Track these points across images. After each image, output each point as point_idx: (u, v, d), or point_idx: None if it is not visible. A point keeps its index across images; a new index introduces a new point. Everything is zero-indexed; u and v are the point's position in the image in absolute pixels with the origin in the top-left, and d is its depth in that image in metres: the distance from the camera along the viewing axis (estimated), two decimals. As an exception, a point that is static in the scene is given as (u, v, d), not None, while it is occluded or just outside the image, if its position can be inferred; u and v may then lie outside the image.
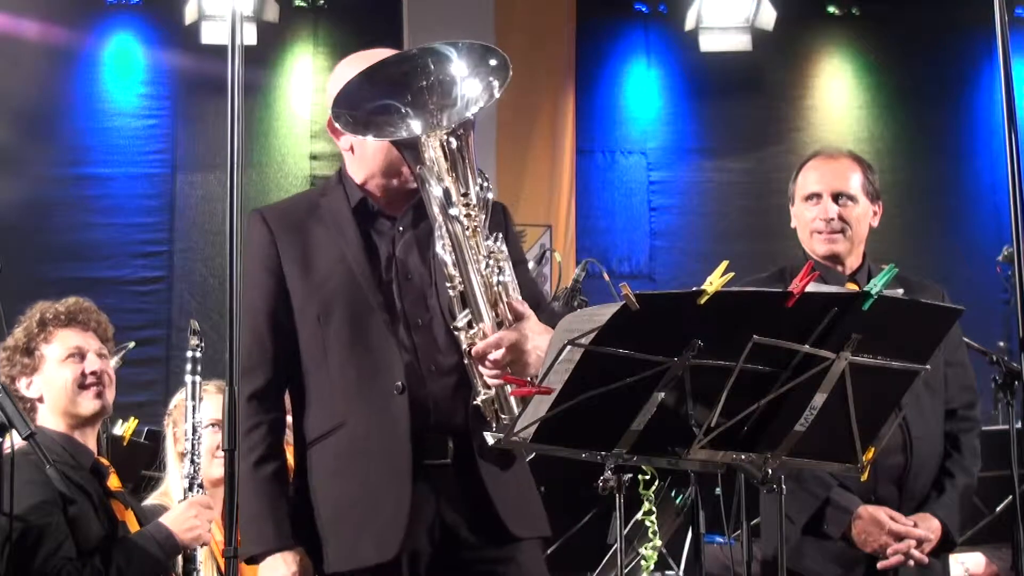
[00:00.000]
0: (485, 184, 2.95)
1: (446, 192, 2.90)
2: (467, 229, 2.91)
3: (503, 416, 2.92)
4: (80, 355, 3.81)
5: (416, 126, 2.95)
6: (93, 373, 3.80)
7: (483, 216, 2.93)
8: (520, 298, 2.95)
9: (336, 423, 3.09)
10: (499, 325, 2.91)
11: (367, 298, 3.07)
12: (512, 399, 2.91)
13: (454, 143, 2.91)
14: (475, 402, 2.96)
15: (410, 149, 2.96)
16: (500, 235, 2.96)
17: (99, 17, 8.74)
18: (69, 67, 8.71)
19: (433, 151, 2.93)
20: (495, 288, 2.91)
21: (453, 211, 2.89)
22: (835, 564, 3.77)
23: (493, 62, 3.03)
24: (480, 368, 2.92)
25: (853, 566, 3.77)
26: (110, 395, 3.87)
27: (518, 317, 2.91)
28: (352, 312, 3.07)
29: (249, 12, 8.36)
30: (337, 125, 3.03)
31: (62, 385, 3.77)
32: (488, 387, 2.93)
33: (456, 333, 2.95)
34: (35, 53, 8.48)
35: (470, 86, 3.01)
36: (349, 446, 3.07)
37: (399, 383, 3.03)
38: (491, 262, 2.92)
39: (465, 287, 2.92)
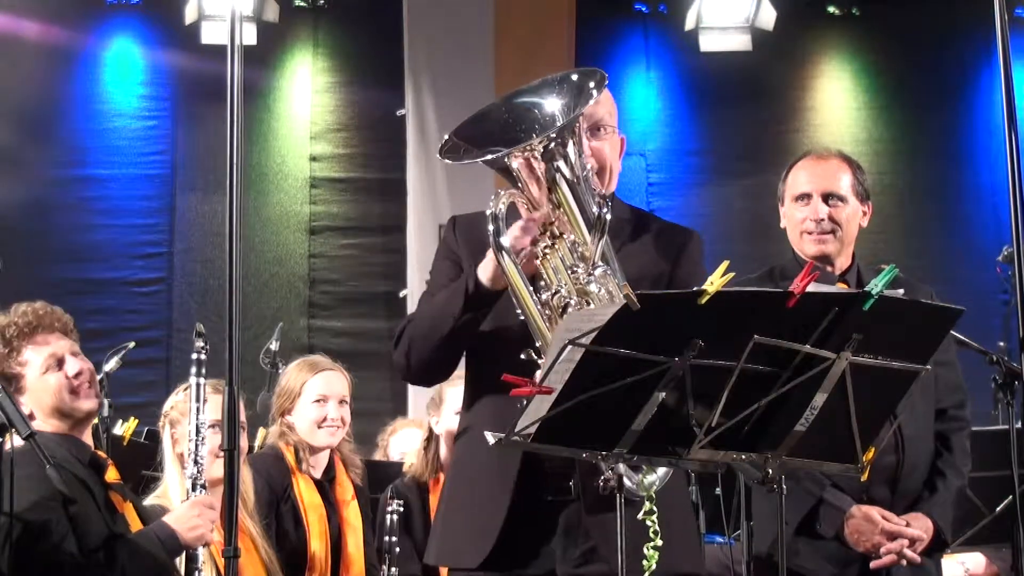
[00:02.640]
0: (600, 207, 2.89)
1: (494, 218, 2.88)
2: (538, 256, 2.91)
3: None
4: (57, 362, 3.79)
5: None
6: (77, 375, 3.79)
7: (582, 239, 2.90)
8: None
9: (469, 424, 3.16)
10: None
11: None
12: None
13: (541, 165, 2.88)
14: None
15: (504, 171, 2.96)
16: (603, 265, 2.90)
17: (99, 17, 8.74)
18: (69, 67, 8.71)
19: (519, 171, 2.92)
20: (561, 320, 2.87)
21: (504, 240, 2.89)
22: (828, 563, 3.77)
23: (576, 77, 3.04)
24: None
25: (846, 565, 3.77)
26: (97, 389, 3.86)
27: None
28: (502, 323, 3.05)
29: (249, 12, 8.36)
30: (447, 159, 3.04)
31: (51, 396, 3.75)
32: None
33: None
34: (35, 53, 8.48)
35: (555, 104, 3.01)
36: (472, 450, 3.11)
37: (524, 399, 3.03)
38: (564, 292, 2.89)
39: (524, 317, 2.92)
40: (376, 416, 6.13)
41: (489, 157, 2.94)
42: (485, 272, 2.98)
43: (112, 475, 3.85)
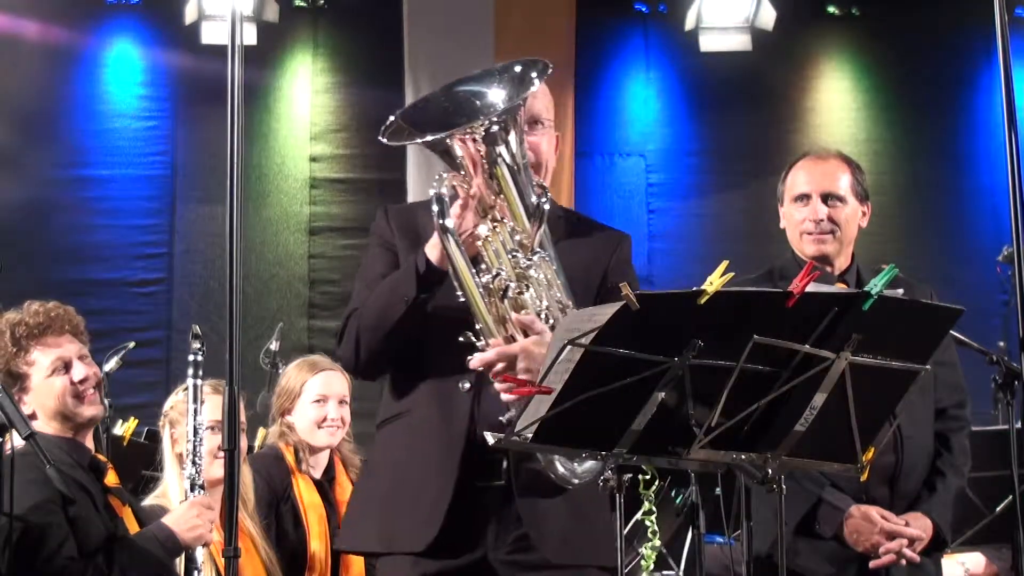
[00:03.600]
0: (539, 196, 2.94)
1: (439, 199, 2.91)
2: (480, 239, 2.94)
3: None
4: (64, 366, 3.78)
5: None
6: (83, 381, 3.78)
7: (522, 226, 2.94)
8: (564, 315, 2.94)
9: (404, 409, 3.14)
10: (510, 340, 2.91)
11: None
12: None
13: (482, 148, 2.92)
14: (502, 419, 2.96)
15: (446, 154, 2.99)
16: (541, 252, 2.95)
17: (99, 17, 8.73)
18: (69, 67, 8.70)
19: (461, 154, 2.95)
20: (502, 303, 2.92)
21: (448, 223, 2.90)
22: (827, 563, 3.77)
23: (519, 67, 3.06)
24: (496, 385, 2.93)
25: (845, 565, 3.78)
26: (102, 395, 3.86)
27: (528, 333, 2.91)
28: (439, 306, 3.05)
29: (249, 12, 8.36)
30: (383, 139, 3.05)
31: (54, 400, 3.75)
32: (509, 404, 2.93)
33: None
34: (35, 53, 8.47)
35: (498, 93, 3.03)
36: (407, 434, 3.10)
37: (468, 380, 3.03)
38: (504, 275, 2.92)
39: (466, 299, 2.93)
40: (376, 416, 6.12)
41: (431, 138, 2.96)
42: (433, 252, 2.99)
43: (111, 479, 3.85)
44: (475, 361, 2.91)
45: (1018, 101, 3.22)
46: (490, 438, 2.77)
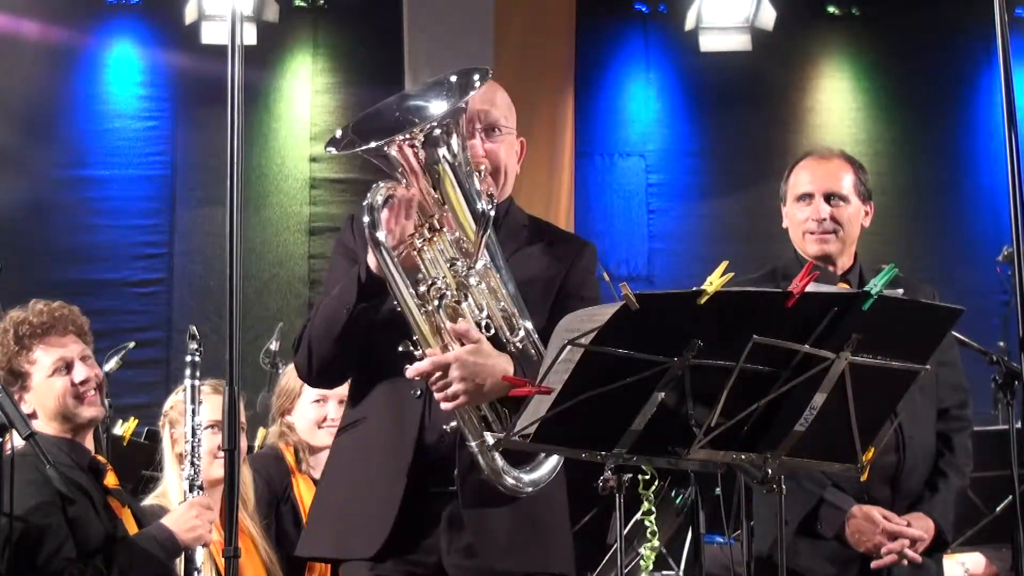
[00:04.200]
0: (485, 203, 2.93)
1: (370, 209, 2.91)
2: (415, 248, 2.94)
3: (470, 443, 2.93)
4: (66, 366, 3.79)
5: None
6: (84, 382, 3.78)
7: (467, 233, 2.93)
8: (519, 325, 2.95)
9: (359, 416, 3.14)
10: (446, 349, 2.91)
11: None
12: (474, 425, 2.92)
13: (422, 154, 2.92)
14: (446, 428, 2.97)
15: (387, 163, 2.99)
16: (486, 260, 2.95)
17: (99, 17, 8.72)
18: (69, 68, 8.69)
19: (397, 159, 2.95)
20: (437, 313, 2.91)
21: (379, 235, 2.91)
22: (829, 563, 3.78)
23: (459, 75, 3.05)
24: (435, 394, 2.93)
25: (847, 565, 3.78)
26: (103, 397, 3.86)
27: (464, 342, 2.91)
28: (394, 314, 3.04)
29: (249, 12, 8.36)
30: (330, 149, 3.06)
31: (55, 400, 3.75)
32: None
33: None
34: (35, 53, 8.46)
35: (441, 102, 3.02)
36: (362, 441, 3.10)
37: (418, 390, 3.04)
38: (440, 284, 2.92)
39: (401, 309, 2.94)
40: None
41: (371, 145, 2.96)
42: (373, 261, 2.99)
43: (111, 480, 3.86)
44: (410, 371, 2.92)
45: (1018, 101, 3.22)
46: (490, 438, 2.77)
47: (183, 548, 3.81)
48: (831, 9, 9.27)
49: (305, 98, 8.93)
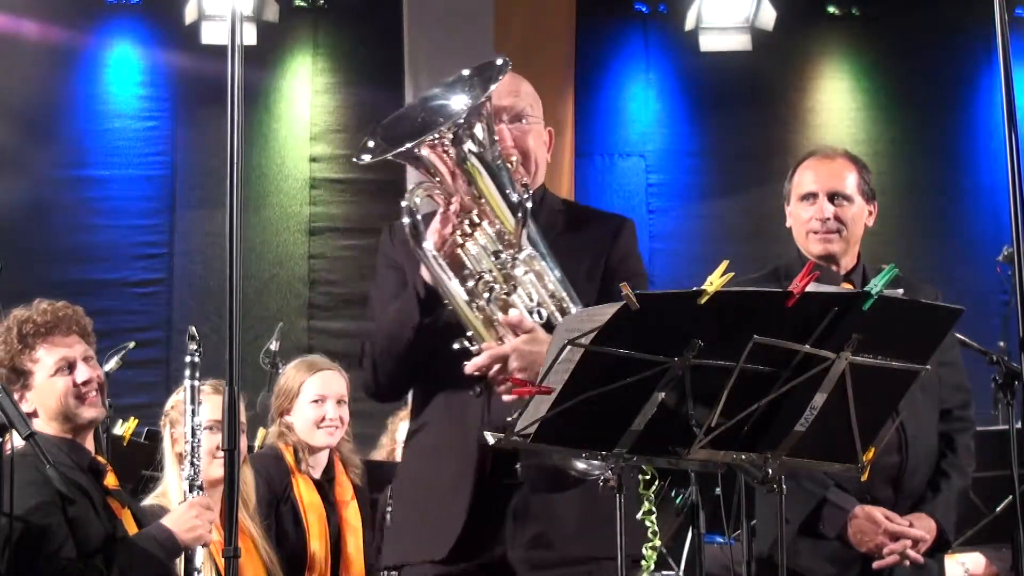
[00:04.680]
0: (521, 193, 2.93)
1: (410, 211, 2.92)
2: (457, 244, 2.94)
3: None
4: (68, 366, 3.79)
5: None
6: (85, 383, 3.79)
7: (507, 224, 2.93)
8: (564, 310, 2.94)
9: (423, 423, 3.15)
10: (502, 341, 2.92)
11: None
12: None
13: (452, 152, 2.92)
14: (508, 420, 2.95)
15: (417, 163, 2.99)
16: (529, 248, 2.95)
17: (99, 17, 8.73)
18: (69, 68, 8.70)
19: (429, 160, 2.94)
20: (488, 306, 2.92)
21: (424, 235, 2.92)
22: (831, 563, 3.78)
23: (480, 69, 3.06)
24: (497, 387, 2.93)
25: (849, 566, 3.78)
26: (104, 398, 3.86)
27: (518, 332, 2.91)
28: (448, 318, 3.04)
29: (249, 12, 8.36)
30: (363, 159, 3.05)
31: (56, 400, 3.75)
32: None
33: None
34: (35, 53, 8.47)
35: (463, 98, 3.03)
36: (427, 446, 3.12)
37: (477, 387, 3.03)
38: (487, 277, 2.92)
39: (452, 307, 2.94)
40: (376, 416, 6.12)
41: (399, 150, 2.95)
42: (426, 273, 3.00)
43: (111, 481, 3.85)
44: (469, 367, 2.92)
45: (1018, 101, 3.21)
46: (490, 438, 2.77)
47: (183, 548, 3.81)
48: (831, 9, 9.27)
49: (305, 98, 8.93)
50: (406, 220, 2.94)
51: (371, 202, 8.84)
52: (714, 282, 2.46)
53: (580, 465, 2.93)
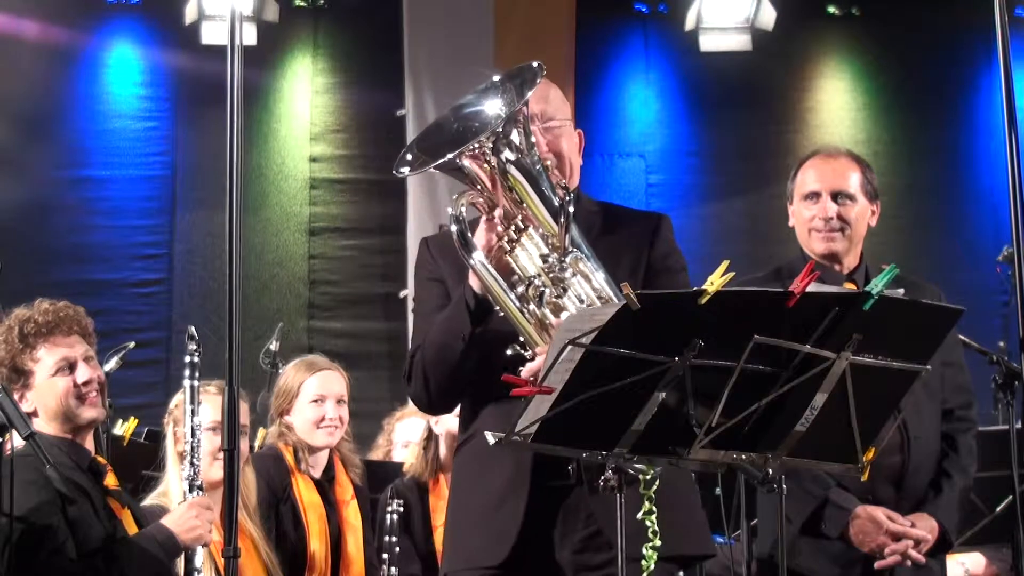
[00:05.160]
0: (562, 196, 2.94)
1: (457, 220, 2.93)
2: (505, 251, 2.95)
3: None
4: (69, 366, 3.79)
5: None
6: (86, 383, 3.79)
7: (550, 229, 2.94)
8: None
9: (475, 431, 3.14)
10: None
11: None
12: None
13: (492, 160, 2.94)
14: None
15: (460, 173, 3.01)
16: (574, 251, 2.95)
17: (99, 17, 8.73)
18: (69, 68, 8.70)
19: (470, 169, 2.96)
20: (540, 310, 2.92)
21: (471, 240, 2.93)
22: (832, 564, 3.77)
23: (516, 74, 3.07)
24: None
25: (850, 566, 3.78)
26: (104, 398, 3.86)
27: None
28: (492, 326, 3.05)
29: (249, 12, 8.36)
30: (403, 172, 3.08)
31: (56, 400, 3.75)
32: None
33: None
34: (35, 53, 8.47)
35: (497, 105, 3.04)
36: (481, 454, 3.09)
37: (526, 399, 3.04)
38: (538, 282, 2.92)
39: (504, 313, 2.95)
40: (376, 416, 6.12)
41: (440, 161, 2.97)
42: (476, 282, 3.01)
43: (111, 481, 3.85)
44: (525, 371, 2.90)
45: (1018, 101, 3.22)
46: (490, 438, 2.77)
47: (183, 548, 3.81)
48: (831, 9, 9.28)
49: (305, 98, 8.93)
50: (454, 228, 2.95)
51: (371, 202, 8.84)
52: (714, 282, 2.46)
53: (638, 463, 2.92)
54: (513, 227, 2.97)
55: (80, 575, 3.57)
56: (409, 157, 3.06)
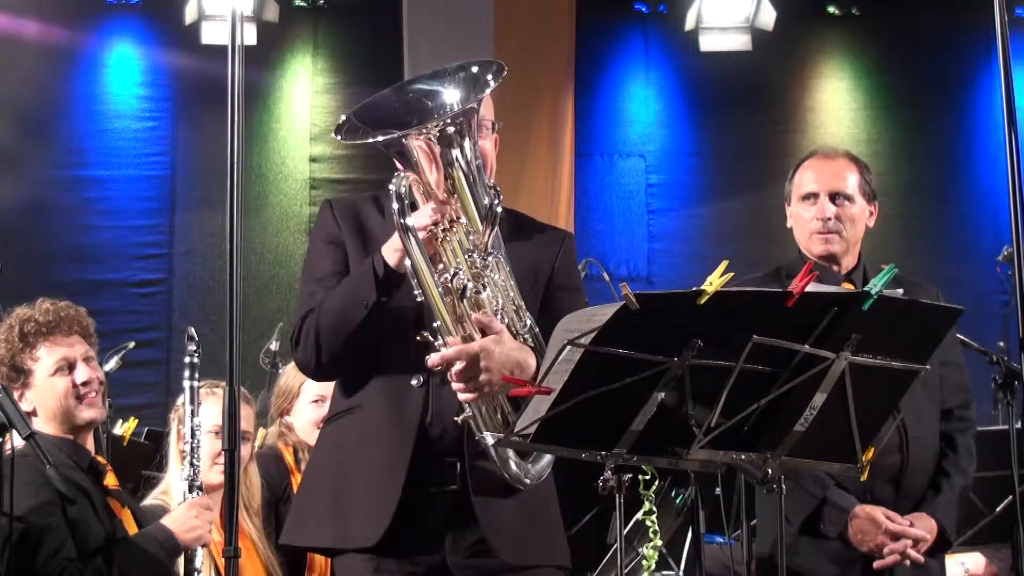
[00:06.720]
0: (492, 198, 2.94)
1: (399, 197, 2.91)
2: (438, 238, 2.94)
3: (482, 434, 2.93)
4: (68, 366, 3.79)
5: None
6: (85, 383, 3.79)
7: (476, 227, 2.94)
8: (526, 317, 2.96)
9: (354, 404, 3.12)
10: (468, 340, 2.91)
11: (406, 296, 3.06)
12: (489, 416, 2.92)
13: (436, 148, 2.93)
14: (457, 419, 2.96)
15: (400, 154, 2.99)
16: (496, 253, 2.97)
17: (99, 17, 8.73)
18: (69, 68, 8.69)
19: (416, 153, 2.94)
20: (461, 302, 2.92)
21: (409, 220, 2.91)
22: (831, 563, 3.78)
23: (475, 68, 3.06)
24: (452, 383, 2.93)
25: (849, 565, 3.78)
26: (104, 399, 3.86)
27: (485, 332, 2.91)
28: (392, 304, 3.04)
29: (249, 12, 8.36)
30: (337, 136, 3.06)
31: (55, 399, 3.75)
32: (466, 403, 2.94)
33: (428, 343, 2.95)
34: (35, 53, 8.47)
35: (452, 94, 3.03)
36: (357, 429, 3.09)
37: (420, 377, 3.04)
38: (462, 275, 2.92)
39: (425, 297, 2.93)
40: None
41: (385, 137, 2.96)
42: (391, 255, 2.99)
43: (111, 481, 3.86)
44: (435, 358, 2.91)
45: (1018, 101, 3.22)
46: (490, 438, 2.77)
47: (183, 548, 3.81)
48: (831, 9, 9.27)
49: (305, 98, 8.93)
50: (395, 205, 2.91)
51: (371, 202, 8.82)
52: (714, 282, 2.47)
53: (513, 469, 2.94)
54: (447, 217, 2.97)
55: (80, 575, 3.57)
56: (350, 125, 3.04)
